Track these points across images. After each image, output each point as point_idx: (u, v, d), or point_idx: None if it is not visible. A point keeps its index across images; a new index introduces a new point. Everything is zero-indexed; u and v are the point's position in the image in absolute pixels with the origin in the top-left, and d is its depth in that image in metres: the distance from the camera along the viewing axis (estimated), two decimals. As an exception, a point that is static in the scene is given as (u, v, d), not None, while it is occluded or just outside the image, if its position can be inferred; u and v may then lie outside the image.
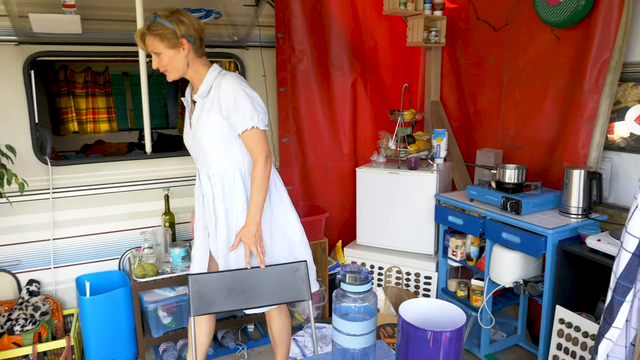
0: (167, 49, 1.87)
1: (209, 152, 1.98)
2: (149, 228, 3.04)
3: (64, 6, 2.48)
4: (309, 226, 3.07)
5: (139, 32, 1.89)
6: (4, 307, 2.73)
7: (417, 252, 3.01)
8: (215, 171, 2.01)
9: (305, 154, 3.34)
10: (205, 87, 1.95)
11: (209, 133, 1.93)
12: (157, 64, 1.91)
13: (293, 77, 3.18)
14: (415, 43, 3.20)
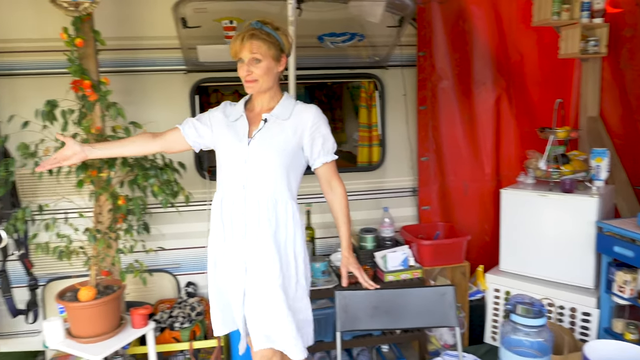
0: (269, 59, 1.79)
1: (271, 174, 1.83)
2: (291, 241, 3.19)
3: (226, 37, 2.76)
4: (448, 249, 2.97)
5: (248, 31, 1.78)
6: (166, 304, 3.07)
7: (572, 284, 2.72)
8: (269, 196, 1.83)
9: (444, 174, 3.25)
10: (285, 110, 1.87)
11: (278, 154, 1.82)
12: (248, 70, 1.78)
13: (433, 95, 3.13)
14: (570, 55, 2.95)
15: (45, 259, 2.90)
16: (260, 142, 1.83)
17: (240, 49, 1.78)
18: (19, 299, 2.88)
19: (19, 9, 2.75)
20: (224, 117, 1.94)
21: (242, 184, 1.84)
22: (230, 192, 1.87)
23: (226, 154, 1.88)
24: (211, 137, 1.96)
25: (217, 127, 1.94)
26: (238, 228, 1.86)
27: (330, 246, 3.20)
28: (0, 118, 2.66)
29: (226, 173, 1.89)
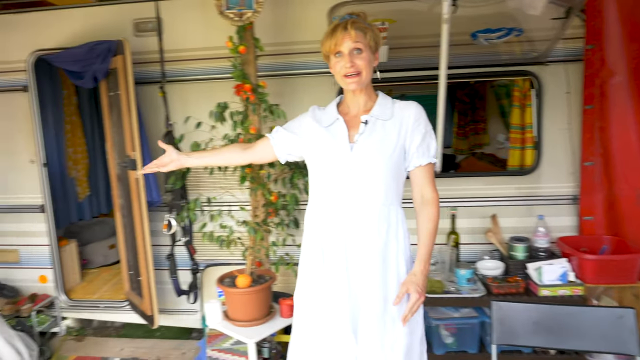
0: (369, 50, 1.66)
1: (380, 181, 1.66)
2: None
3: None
4: (618, 266, 2.63)
5: (346, 21, 1.64)
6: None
7: None
8: (379, 205, 1.67)
9: (612, 181, 2.88)
10: (384, 109, 1.72)
11: (386, 158, 1.66)
12: (351, 62, 1.63)
13: (602, 93, 2.79)
14: None
15: (204, 246, 3.22)
16: (365, 146, 1.67)
17: (341, 40, 1.62)
18: (182, 281, 3.23)
19: (191, 22, 3.08)
20: (315, 123, 1.77)
21: (347, 195, 1.67)
22: (331, 204, 1.70)
23: (324, 163, 1.71)
24: (301, 146, 1.81)
25: (309, 134, 1.78)
26: (341, 244, 1.69)
27: (476, 253, 3.05)
28: (174, 119, 3.00)
29: (325, 184, 1.71)
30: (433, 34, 2.69)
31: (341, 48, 1.63)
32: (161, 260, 3.24)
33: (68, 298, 3.59)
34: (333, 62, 1.69)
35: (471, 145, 4.89)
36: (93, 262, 4.16)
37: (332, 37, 1.64)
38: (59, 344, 3.47)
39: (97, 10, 3.19)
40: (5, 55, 3.33)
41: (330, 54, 1.67)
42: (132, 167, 2.92)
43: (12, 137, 3.42)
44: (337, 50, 1.64)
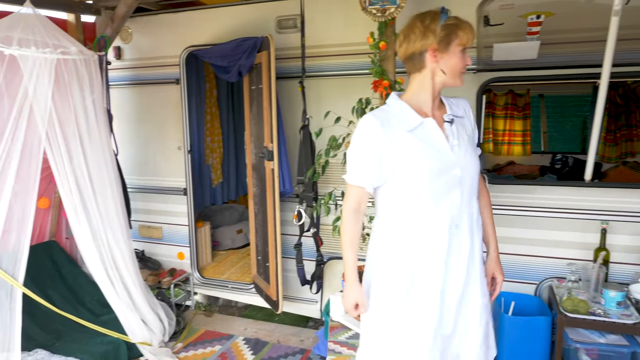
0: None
1: (476, 179, 1.69)
2: (575, 260, 2.83)
3: (528, 34, 2.58)
4: None
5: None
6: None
7: None
8: (475, 201, 1.70)
9: None
10: (456, 107, 1.72)
11: (476, 157, 1.69)
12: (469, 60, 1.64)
13: None
14: None
15: (328, 239, 3.28)
16: (462, 146, 1.64)
17: (472, 36, 1.60)
18: (306, 271, 3.33)
19: (331, 19, 3.13)
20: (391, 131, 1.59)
21: (452, 198, 1.60)
22: (441, 213, 1.60)
23: (425, 169, 1.58)
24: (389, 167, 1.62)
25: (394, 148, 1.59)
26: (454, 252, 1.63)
27: (630, 274, 2.72)
28: (309, 114, 3.08)
29: (426, 191, 1.60)
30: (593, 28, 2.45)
31: (469, 45, 1.60)
32: (288, 249, 3.36)
33: (201, 275, 3.90)
34: (457, 56, 1.58)
35: (621, 152, 4.37)
36: (222, 245, 4.48)
37: (470, 30, 1.59)
38: (191, 316, 3.79)
39: (243, 9, 3.39)
40: (162, 51, 3.69)
41: (461, 46, 1.59)
42: (269, 157, 3.06)
43: (164, 125, 3.79)
44: (467, 46, 1.60)
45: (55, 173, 2.88)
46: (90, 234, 2.99)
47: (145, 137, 3.89)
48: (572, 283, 2.71)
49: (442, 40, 1.56)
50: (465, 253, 1.64)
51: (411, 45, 1.61)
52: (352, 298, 1.72)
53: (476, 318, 1.69)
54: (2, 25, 2.64)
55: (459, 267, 1.64)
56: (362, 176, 1.64)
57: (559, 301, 2.59)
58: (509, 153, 5.15)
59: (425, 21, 1.58)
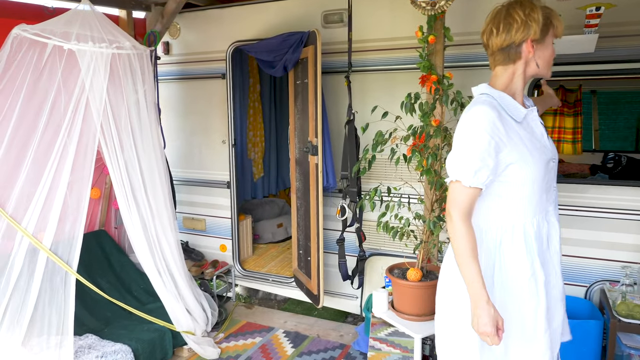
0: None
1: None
2: (630, 263, 2.72)
3: (586, 26, 2.48)
4: None
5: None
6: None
7: None
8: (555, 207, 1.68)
9: None
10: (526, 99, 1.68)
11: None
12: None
13: None
14: None
15: (370, 235, 3.27)
16: (549, 137, 1.65)
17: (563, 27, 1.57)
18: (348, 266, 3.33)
19: (378, 13, 3.11)
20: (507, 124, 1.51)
21: (552, 191, 1.65)
22: (542, 206, 1.59)
23: (536, 164, 1.52)
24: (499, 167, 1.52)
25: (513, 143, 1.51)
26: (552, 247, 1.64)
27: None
28: (355, 108, 3.07)
29: (536, 187, 1.54)
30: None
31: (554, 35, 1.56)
32: (329, 244, 3.37)
33: (242, 268, 3.96)
34: (550, 47, 1.56)
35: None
36: (263, 238, 4.53)
37: (561, 21, 1.55)
38: (232, 308, 3.85)
39: (289, 4, 3.41)
40: (209, 46, 3.76)
41: (556, 37, 1.56)
42: (313, 152, 3.08)
43: (209, 119, 3.86)
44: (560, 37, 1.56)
45: (108, 164, 2.98)
46: (140, 224, 3.08)
47: (191, 130, 3.98)
48: (626, 287, 2.60)
49: (541, 30, 1.51)
50: (557, 246, 1.65)
51: (512, 35, 1.52)
52: (491, 318, 1.45)
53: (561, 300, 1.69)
54: (60, 21, 2.75)
55: (553, 258, 1.64)
56: (480, 175, 1.48)
57: (612, 305, 2.50)
58: (559, 151, 4.97)
59: (526, 10, 1.50)
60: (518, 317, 1.57)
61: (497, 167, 1.50)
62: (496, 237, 1.57)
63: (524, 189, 1.53)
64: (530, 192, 1.54)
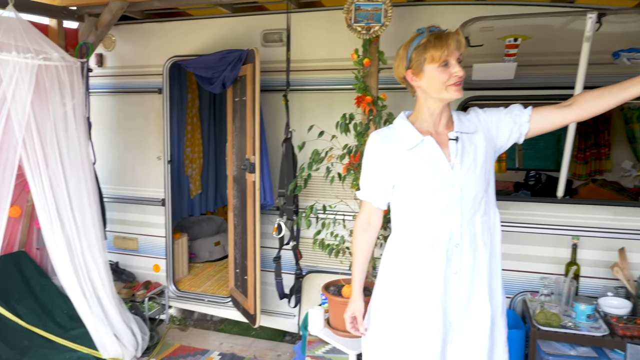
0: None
1: (480, 195, 1.64)
2: (549, 274, 2.92)
3: (506, 55, 2.68)
4: None
5: (454, 33, 1.59)
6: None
7: None
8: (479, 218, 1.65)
9: None
10: (466, 122, 1.67)
11: (484, 172, 1.64)
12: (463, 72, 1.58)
13: None
14: None
15: (307, 252, 3.28)
16: (465, 164, 1.61)
17: (452, 49, 1.55)
18: (285, 284, 3.31)
19: (315, 34, 3.19)
20: (392, 149, 1.64)
21: (452, 217, 1.61)
22: (434, 230, 1.62)
23: (423, 189, 1.61)
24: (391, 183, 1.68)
25: (395, 165, 1.64)
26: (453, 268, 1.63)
27: (599, 288, 2.82)
28: (292, 126, 3.11)
29: (425, 211, 1.63)
30: (567, 52, 2.57)
31: (450, 57, 1.55)
32: (266, 262, 3.35)
33: (176, 288, 3.83)
34: (434, 72, 1.57)
35: (591, 170, 4.55)
36: (199, 257, 4.42)
37: (442, 45, 1.54)
38: (165, 330, 3.71)
39: (230, 21, 3.42)
40: (145, 60, 3.68)
41: (436, 62, 1.56)
42: (250, 170, 3.07)
43: (144, 134, 3.75)
44: (446, 60, 1.55)
45: (30, 181, 2.82)
46: (65, 244, 2.91)
47: (124, 146, 3.84)
48: (544, 297, 2.78)
49: (414, 63, 1.60)
50: (468, 272, 1.64)
51: (395, 71, 1.70)
52: (350, 309, 1.80)
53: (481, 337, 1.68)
54: (-18, 28, 2.60)
55: (461, 286, 1.64)
56: (369, 191, 1.73)
57: (532, 314, 2.66)
58: (486, 170, 5.27)
59: (402, 48, 1.66)
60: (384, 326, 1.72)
61: (385, 187, 1.68)
62: (393, 250, 1.72)
63: (409, 211, 1.66)
64: (416, 215, 1.65)
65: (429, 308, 1.63)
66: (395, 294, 1.68)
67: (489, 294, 1.66)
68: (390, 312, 1.70)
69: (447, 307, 1.65)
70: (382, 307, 1.73)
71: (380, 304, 1.75)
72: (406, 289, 1.66)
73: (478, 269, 1.65)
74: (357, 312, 1.80)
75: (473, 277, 1.64)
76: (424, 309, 1.64)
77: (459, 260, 1.63)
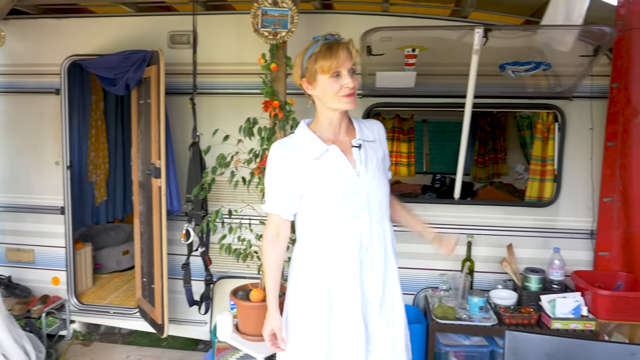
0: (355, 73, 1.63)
1: (385, 202, 1.71)
2: (447, 271, 3.10)
3: (405, 65, 2.83)
4: (632, 303, 2.62)
5: (345, 43, 1.60)
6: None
7: None
8: (387, 222, 1.74)
9: (630, 218, 2.88)
10: (368, 131, 1.73)
11: (386, 179, 1.73)
12: (354, 83, 1.59)
13: (625, 131, 2.82)
14: None
15: (218, 258, 3.23)
16: (369, 171, 1.66)
17: (343, 60, 1.55)
18: (195, 291, 3.23)
19: (224, 37, 3.16)
20: (297, 159, 1.64)
21: (359, 223, 1.64)
22: (341, 236, 1.64)
23: (330, 196, 1.62)
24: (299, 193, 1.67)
25: (300, 175, 1.64)
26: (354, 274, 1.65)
27: (490, 281, 3.05)
28: (200, 131, 3.05)
29: (332, 218, 1.64)
30: (461, 63, 2.75)
31: (341, 68, 1.56)
32: (175, 270, 3.25)
33: (79, 302, 3.60)
34: (326, 83, 1.59)
35: (490, 174, 4.92)
36: (106, 267, 4.19)
37: (331, 56, 1.55)
38: (66, 347, 3.47)
39: (134, 20, 3.29)
40: (40, 58, 3.43)
41: (327, 73, 1.57)
42: (156, 175, 2.97)
43: (40, 138, 3.49)
44: (336, 71, 1.57)
45: None
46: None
47: (17, 150, 3.54)
48: (443, 292, 2.96)
49: (308, 72, 1.62)
50: (380, 275, 1.69)
51: (293, 78, 1.71)
52: (268, 326, 1.71)
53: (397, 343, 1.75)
54: None
55: (374, 288, 1.69)
56: (276, 203, 1.69)
57: (432, 309, 2.82)
58: (396, 173, 5.53)
59: (298, 56, 1.67)
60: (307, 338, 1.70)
61: (293, 197, 1.67)
62: (304, 260, 1.72)
63: (319, 220, 1.67)
64: (326, 223, 1.66)
65: (350, 313, 1.66)
66: (313, 302, 1.68)
67: (398, 296, 1.75)
68: (309, 321, 1.69)
69: (366, 312, 1.69)
70: (299, 317, 1.72)
71: (297, 314, 1.73)
72: (323, 296, 1.67)
73: (389, 270, 1.72)
74: (276, 329, 1.71)
75: (385, 278, 1.71)
76: (345, 314, 1.66)
77: (370, 263, 1.68)
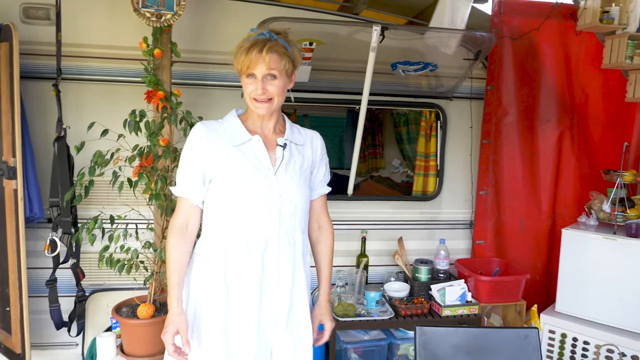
0: (284, 76, 1.55)
1: (303, 208, 1.66)
2: (343, 267, 3.12)
3: (303, 59, 2.73)
4: (507, 286, 2.92)
5: (263, 43, 1.50)
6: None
7: (636, 331, 2.66)
8: (299, 233, 1.66)
9: (501, 209, 3.22)
10: (298, 134, 1.69)
11: (307, 185, 1.68)
12: (263, 88, 1.52)
13: (497, 129, 3.12)
14: (638, 99, 2.95)
15: (90, 269, 2.83)
16: (289, 171, 1.61)
17: (255, 63, 1.49)
18: (63, 309, 2.79)
19: (97, 16, 2.73)
20: (216, 141, 1.57)
21: (268, 223, 1.56)
22: (247, 233, 1.56)
23: (241, 187, 1.55)
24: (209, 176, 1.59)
25: (216, 158, 1.56)
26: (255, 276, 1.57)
27: (384, 274, 3.15)
28: (67, 123, 2.61)
29: (240, 211, 1.55)
30: (354, 60, 2.76)
31: (254, 71, 1.51)
32: (38, 287, 2.76)
33: None
34: (244, 81, 1.56)
35: (369, 168, 5.11)
36: None
37: (246, 57, 1.50)
38: None
39: (-29, -14, 2.67)
40: None
41: (243, 73, 1.54)
42: (9, 175, 2.46)
43: None
44: (250, 73, 1.52)
45: None
46: None
47: None
48: (340, 288, 2.97)
49: (236, 64, 1.56)
50: (287, 287, 1.62)
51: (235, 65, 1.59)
52: (171, 328, 1.52)
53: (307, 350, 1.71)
54: None
55: (280, 301, 1.61)
56: (187, 186, 1.59)
57: (332, 307, 2.81)
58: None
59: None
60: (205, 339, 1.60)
61: (204, 181, 1.58)
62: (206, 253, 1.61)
63: (224, 210, 1.58)
64: (230, 215, 1.57)
65: (246, 319, 1.57)
66: (209, 303, 1.59)
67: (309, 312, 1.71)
68: (204, 324, 1.58)
69: (262, 321, 1.59)
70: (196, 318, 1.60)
71: (193, 315, 1.61)
72: (221, 298, 1.58)
73: (298, 284, 1.65)
74: (182, 329, 1.53)
75: (293, 292, 1.63)
76: (241, 320, 1.57)
77: (276, 272, 1.59)
